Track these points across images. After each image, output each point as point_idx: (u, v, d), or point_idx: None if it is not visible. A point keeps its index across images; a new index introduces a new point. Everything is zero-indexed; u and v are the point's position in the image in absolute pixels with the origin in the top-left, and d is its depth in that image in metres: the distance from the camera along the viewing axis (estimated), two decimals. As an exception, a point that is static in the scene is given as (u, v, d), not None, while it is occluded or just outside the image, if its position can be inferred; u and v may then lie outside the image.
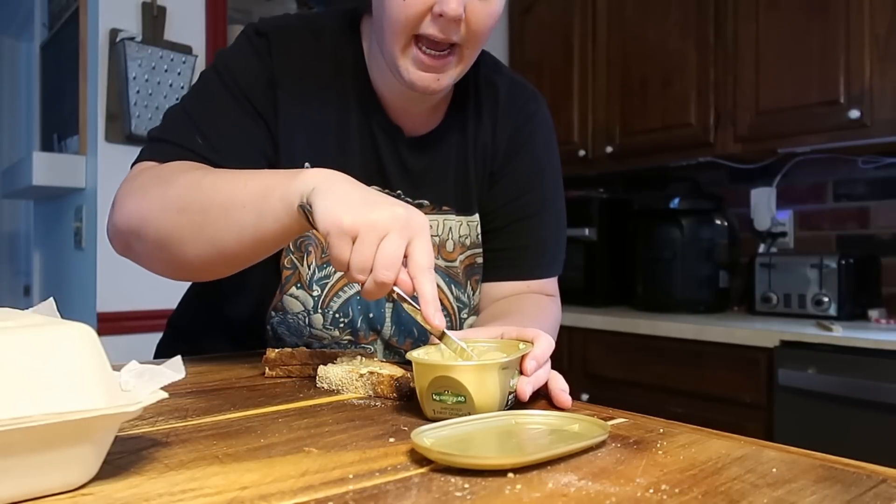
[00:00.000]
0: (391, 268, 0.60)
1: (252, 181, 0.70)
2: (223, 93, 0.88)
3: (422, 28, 0.81)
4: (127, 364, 0.47)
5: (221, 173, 0.75)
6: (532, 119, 1.03)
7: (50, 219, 2.74)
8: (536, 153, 1.03)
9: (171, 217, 0.73)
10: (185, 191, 0.73)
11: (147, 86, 2.12)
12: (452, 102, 0.99)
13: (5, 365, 0.39)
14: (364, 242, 0.61)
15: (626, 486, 0.43)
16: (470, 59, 0.87)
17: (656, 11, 2.49)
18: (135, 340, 2.11)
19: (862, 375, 1.68)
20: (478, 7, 0.82)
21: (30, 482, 0.39)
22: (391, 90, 0.92)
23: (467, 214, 0.99)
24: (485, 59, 1.00)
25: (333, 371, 0.71)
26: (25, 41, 3.44)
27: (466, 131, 0.99)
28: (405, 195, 0.95)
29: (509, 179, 1.01)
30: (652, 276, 2.45)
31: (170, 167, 0.80)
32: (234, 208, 0.69)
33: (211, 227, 0.71)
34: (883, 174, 2.26)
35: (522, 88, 1.05)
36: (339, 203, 0.62)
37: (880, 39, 1.94)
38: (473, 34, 0.83)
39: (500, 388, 0.58)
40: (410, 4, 0.80)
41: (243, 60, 0.90)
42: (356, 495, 0.41)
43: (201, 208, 0.71)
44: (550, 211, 1.04)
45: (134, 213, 0.77)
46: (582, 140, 2.75)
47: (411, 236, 0.62)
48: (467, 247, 0.99)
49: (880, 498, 0.42)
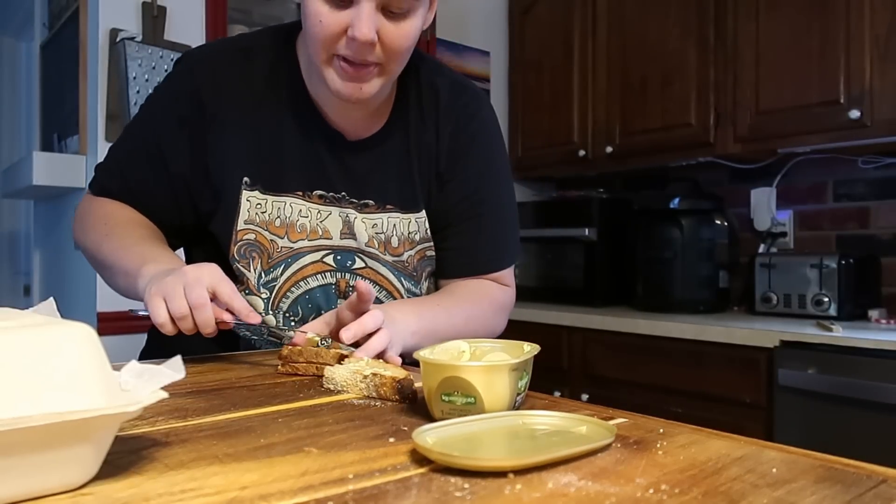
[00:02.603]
0: (199, 296, 0.78)
1: (127, 255, 0.93)
2: (139, 140, 1.02)
3: (338, 48, 0.87)
4: (127, 364, 0.47)
5: (115, 238, 0.97)
6: (474, 118, 1.07)
7: (50, 219, 2.74)
8: (482, 152, 1.07)
9: (90, 259, 1.03)
10: (93, 245, 1.00)
11: (147, 86, 2.12)
12: (395, 105, 1.03)
13: (5, 365, 0.39)
14: (171, 297, 0.78)
15: (625, 486, 0.43)
16: (393, 73, 0.92)
17: (656, 11, 2.49)
18: (135, 340, 2.11)
19: (862, 375, 1.68)
20: (390, 29, 0.86)
21: (30, 482, 0.39)
22: (327, 99, 0.97)
23: (413, 212, 1.03)
24: (426, 62, 1.04)
25: (339, 372, 0.72)
26: (25, 41, 3.44)
27: (408, 132, 1.03)
28: (349, 196, 1.01)
29: (458, 180, 1.05)
30: (652, 276, 2.45)
31: (96, 214, 1.02)
32: (115, 273, 0.95)
33: (107, 276, 0.99)
34: (883, 174, 2.26)
35: (463, 89, 1.08)
36: (151, 288, 0.81)
37: (880, 39, 1.94)
38: (390, 53, 0.88)
39: (509, 390, 0.58)
40: (326, 26, 0.85)
41: (161, 102, 1.02)
42: (356, 495, 0.41)
43: (100, 264, 1.00)
44: (500, 207, 1.09)
45: (78, 242, 1.05)
46: (582, 140, 2.75)
47: (210, 283, 0.80)
48: (416, 242, 1.04)
49: (880, 498, 0.42)
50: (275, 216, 0.98)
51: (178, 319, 0.78)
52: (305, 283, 1.00)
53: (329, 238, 1.00)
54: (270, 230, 0.98)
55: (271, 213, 0.98)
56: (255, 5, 2.72)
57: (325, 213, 1.00)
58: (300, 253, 0.99)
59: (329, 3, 0.84)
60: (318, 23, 0.85)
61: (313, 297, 1.00)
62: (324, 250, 1.00)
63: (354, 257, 1.02)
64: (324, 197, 1.00)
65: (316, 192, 0.99)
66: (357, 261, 1.02)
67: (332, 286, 1.01)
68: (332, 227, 1.00)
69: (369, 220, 1.01)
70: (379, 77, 0.90)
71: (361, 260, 1.02)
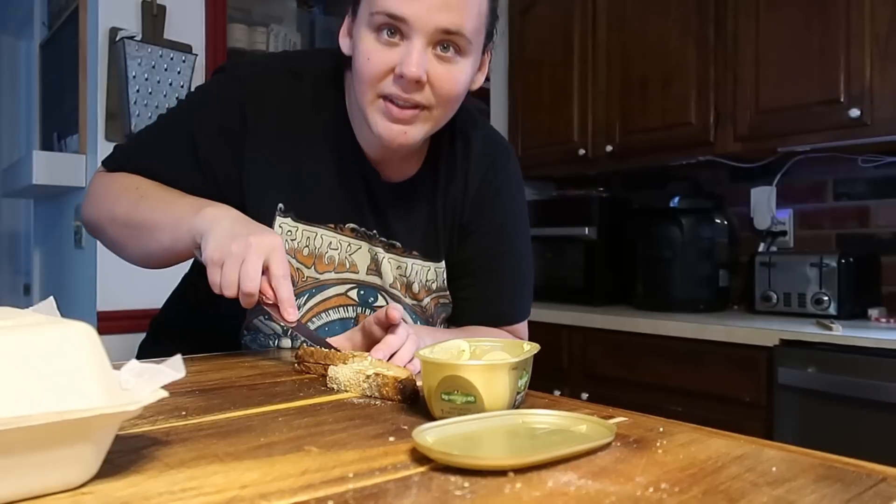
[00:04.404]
0: (252, 280, 0.77)
1: (171, 209, 0.89)
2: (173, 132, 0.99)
3: (385, 86, 0.85)
4: (127, 363, 0.47)
5: (154, 197, 0.93)
6: (500, 173, 1.07)
7: (50, 218, 2.74)
8: (505, 207, 1.08)
9: (116, 229, 0.96)
10: (126, 209, 0.93)
11: (147, 84, 2.12)
12: (429, 153, 1.03)
13: (5, 364, 0.39)
14: (227, 267, 0.78)
15: (625, 485, 0.43)
16: (440, 120, 0.91)
17: (656, 10, 2.49)
18: (135, 339, 2.11)
19: (862, 374, 1.68)
20: (440, 70, 0.85)
21: (30, 481, 0.39)
22: (367, 140, 0.96)
23: (434, 261, 1.04)
24: (461, 113, 1.03)
25: (342, 372, 0.72)
26: (25, 40, 3.44)
27: (438, 183, 1.03)
28: (379, 235, 1.01)
29: (480, 233, 1.05)
30: (652, 276, 2.45)
31: (122, 182, 0.97)
32: (157, 229, 0.90)
33: (142, 239, 0.92)
34: (883, 173, 2.26)
35: (494, 144, 1.09)
36: (214, 241, 0.80)
37: (880, 38, 1.94)
38: (440, 97, 0.87)
39: (509, 389, 0.58)
40: (374, 63, 0.85)
41: (205, 104, 0.99)
42: (356, 494, 0.41)
43: (136, 225, 0.92)
44: (519, 261, 1.10)
45: (94, 218, 0.99)
46: (582, 139, 2.75)
47: (267, 255, 0.79)
48: (433, 290, 1.05)
49: (880, 497, 0.42)
50: (304, 245, 0.97)
51: (223, 288, 0.78)
52: (327, 315, 1.00)
53: (356, 272, 1.00)
54: (298, 258, 0.97)
55: (301, 241, 0.97)
56: (255, 5, 2.72)
57: (354, 247, 1.00)
58: (325, 284, 0.99)
59: (379, 42, 0.84)
60: (366, 60, 0.85)
61: (332, 331, 0.99)
62: (349, 283, 1.00)
63: (378, 294, 1.02)
64: (356, 231, 0.99)
65: (349, 224, 0.99)
66: (380, 298, 1.02)
67: (351, 321, 1.00)
68: (360, 262, 1.00)
69: (395, 262, 1.01)
70: (424, 123, 0.89)
71: (384, 298, 1.02)
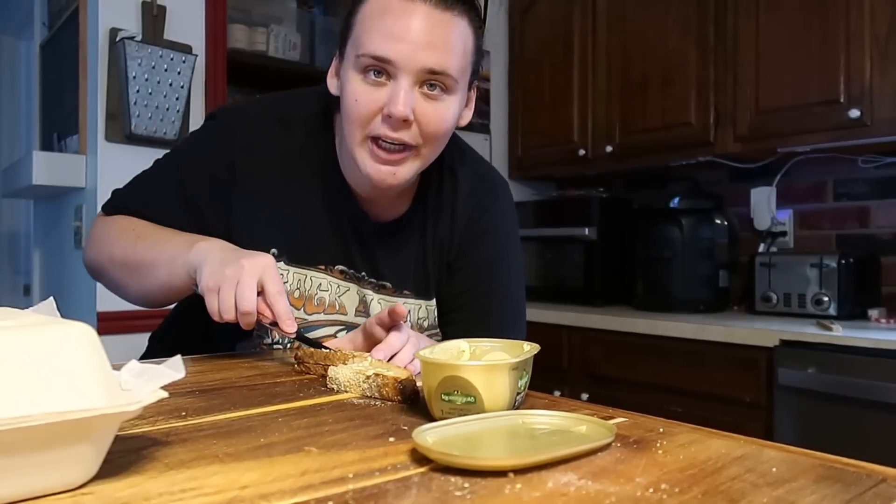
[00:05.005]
0: (248, 300, 0.79)
1: (166, 247, 0.92)
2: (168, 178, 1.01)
3: (374, 127, 0.87)
4: (127, 363, 0.47)
5: (149, 237, 0.96)
6: (488, 211, 1.07)
7: (50, 218, 2.74)
8: (493, 244, 1.08)
9: (115, 270, 0.99)
10: (123, 249, 0.97)
11: (147, 85, 2.12)
12: (417, 191, 1.03)
13: (5, 365, 0.39)
14: (223, 291, 0.80)
15: (625, 486, 0.43)
16: (428, 158, 0.92)
17: (656, 10, 2.49)
18: (135, 340, 2.11)
19: (862, 375, 1.68)
20: (428, 109, 0.86)
21: (30, 481, 0.39)
22: (357, 180, 0.97)
23: (426, 299, 1.05)
24: (449, 149, 1.03)
25: (342, 372, 0.72)
26: (25, 40, 3.43)
27: (427, 221, 1.04)
28: (369, 276, 1.01)
29: (467, 270, 1.06)
30: (652, 276, 2.45)
31: (120, 224, 1.01)
32: (154, 267, 0.93)
33: (141, 278, 0.95)
34: (883, 173, 2.26)
35: (482, 181, 1.08)
36: (209, 270, 0.82)
37: (880, 39, 1.94)
38: (427, 135, 0.88)
39: (509, 389, 0.58)
40: (362, 104, 0.86)
41: (195, 153, 1.01)
42: (356, 494, 0.41)
43: (134, 265, 0.96)
44: (508, 295, 1.09)
45: (94, 261, 1.03)
46: (582, 139, 2.75)
47: (260, 274, 0.81)
48: (425, 328, 1.05)
49: (880, 497, 0.42)
50: (294, 287, 0.98)
51: (222, 313, 0.81)
52: None
53: (345, 314, 1.01)
54: (290, 301, 0.96)
55: (292, 284, 0.98)
56: (255, 5, 2.71)
57: (343, 289, 1.01)
58: (314, 325, 1.00)
59: (367, 82, 0.85)
60: (354, 101, 0.86)
61: None
62: (337, 325, 1.01)
63: None
64: (345, 273, 1.01)
65: (338, 266, 1.00)
66: None
67: None
68: (348, 304, 1.01)
69: (386, 303, 1.02)
70: (413, 162, 0.90)
71: None
